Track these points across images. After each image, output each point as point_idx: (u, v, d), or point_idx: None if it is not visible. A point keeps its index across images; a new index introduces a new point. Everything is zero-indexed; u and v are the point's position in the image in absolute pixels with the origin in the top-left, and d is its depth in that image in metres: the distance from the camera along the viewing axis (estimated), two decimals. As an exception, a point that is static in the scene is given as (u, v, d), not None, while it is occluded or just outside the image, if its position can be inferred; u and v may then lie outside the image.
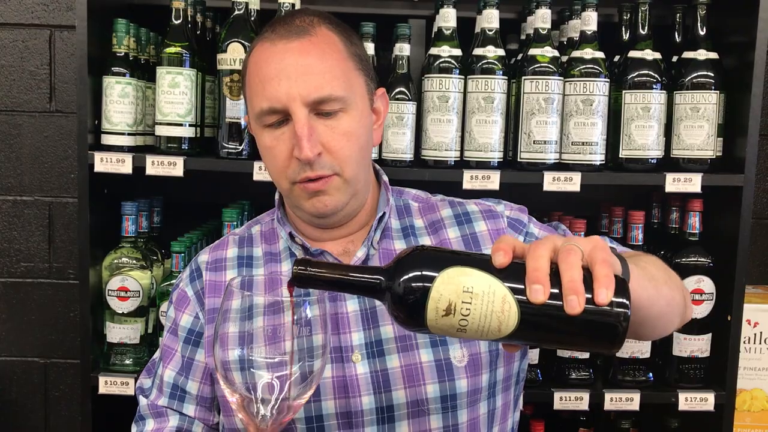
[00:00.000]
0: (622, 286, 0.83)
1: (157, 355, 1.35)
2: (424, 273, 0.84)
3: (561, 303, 0.80)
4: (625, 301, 0.82)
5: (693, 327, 1.86)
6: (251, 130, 1.27)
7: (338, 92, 1.16)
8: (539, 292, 0.80)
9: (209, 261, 1.32)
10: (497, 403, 1.27)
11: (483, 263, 0.84)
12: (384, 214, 1.28)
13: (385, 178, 1.34)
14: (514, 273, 0.83)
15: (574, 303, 0.79)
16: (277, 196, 1.34)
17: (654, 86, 1.79)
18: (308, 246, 1.26)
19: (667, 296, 1.06)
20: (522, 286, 0.81)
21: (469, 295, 0.82)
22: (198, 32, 1.91)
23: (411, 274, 0.85)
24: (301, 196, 1.20)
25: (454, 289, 0.82)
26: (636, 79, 1.79)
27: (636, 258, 1.06)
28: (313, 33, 1.18)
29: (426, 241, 1.29)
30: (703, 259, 1.86)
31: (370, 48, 1.78)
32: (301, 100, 1.14)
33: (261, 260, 1.30)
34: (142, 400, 1.32)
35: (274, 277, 1.26)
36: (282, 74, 1.15)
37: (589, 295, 0.80)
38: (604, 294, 0.79)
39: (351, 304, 1.23)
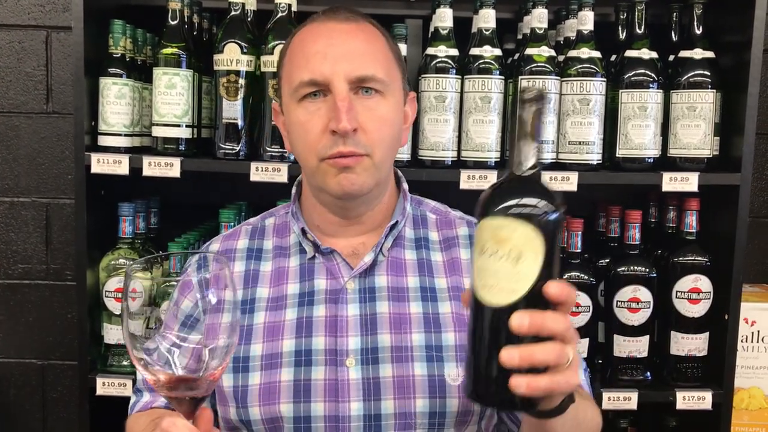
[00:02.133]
0: (534, 401, 0.88)
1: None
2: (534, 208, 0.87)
3: (513, 345, 0.85)
4: (523, 406, 0.90)
5: (690, 326, 1.86)
6: (279, 114, 1.28)
7: (381, 75, 1.19)
8: (523, 327, 0.84)
9: (219, 251, 1.33)
10: (485, 427, 1.26)
11: (546, 271, 0.86)
12: (397, 222, 1.28)
13: (406, 186, 1.34)
14: (538, 297, 0.86)
15: (513, 356, 0.84)
16: (293, 191, 1.34)
17: (650, 85, 1.79)
18: (319, 243, 1.26)
19: None
20: (523, 307, 0.85)
21: (517, 275, 0.85)
22: (194, 33, 1.91)
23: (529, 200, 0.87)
24: (328, 172, 1.19)
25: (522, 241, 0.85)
26: (632, 78, 1.80)
27: (583, 403, 1.10)
28: (361, 23, 1.23)
29: (437, 256, 1.29)
30: (700, 258, 1.86)
31: (366, 48, 1.78)
32: (344, 76, 1.16)
33: (270, 254, 1.30)
34: (139, 375, 1.33)
35: (280, 271, 1.27)
36: (328, 49, 1.18)
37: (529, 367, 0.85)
38: (522, 388, 0.85)
39: (352, 308, 1.23)
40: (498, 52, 1.78)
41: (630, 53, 1.81)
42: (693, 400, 1.84)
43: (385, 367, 1.19)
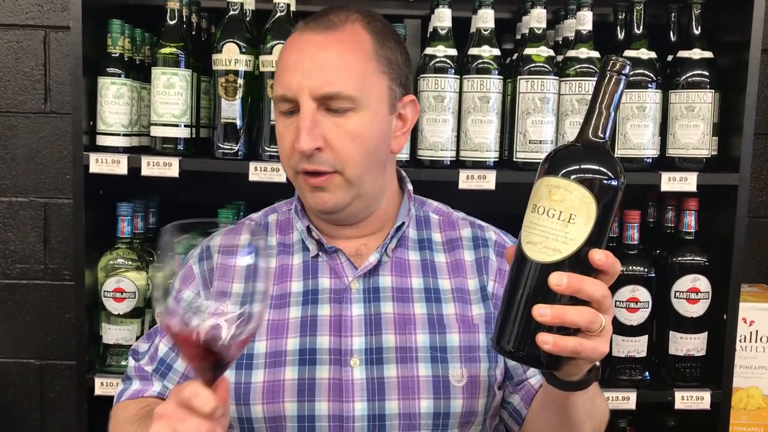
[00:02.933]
0: (559, 362, 0.91)
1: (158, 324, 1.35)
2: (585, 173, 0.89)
3: (548, 303, 0.87)
4: (548, 365, 0.91)
5: (689, 326, 1.86)
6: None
7: (349, 91, 1.16)
8: (560, 286, 0.86)
9: (222, 245, 1.31)
10: (489, 429, 1.27)
11: (594, 238, 0.87)
12: (403, 223, 1.28)
13: (410, 186, 1.33)
14: (581, 262, 0.87)
15: (545, 312, 0.86)
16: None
17: (649, 85, 1.79)
18: (324, 242, 1.26)
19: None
20: (565, 268, 0.87)
21: (565, 236, 0.87)
22: (193, 33, 1.91)
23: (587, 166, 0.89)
24: (304, 187, 1.21)
25: (578, 203, 0.87)
26: (631, 78, 1.79)
27: (598, 391, 1.12)
28: (341, 29, 1.19)
29: (441, 258, 1.29)
30: (698, 258, 1.86)
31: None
32: (309, 92, 1.15)
33: (274, 250, 1.30)
34: (131, 362, 1.32)
35: (284, 269, 1.27)
36: (298, 65, 1.17)
37: (560, 326, 0.88)
38: (548, 345, 0.87)
39: (356, 308, 1.23)
40: (497, 52, 1.78)
41: (628, 53, 1.81)
42: (691, 399, 1.84)
43: (390, 368, 1.19)
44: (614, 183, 0.89)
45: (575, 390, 1.00)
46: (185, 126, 1.78)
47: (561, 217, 0.86)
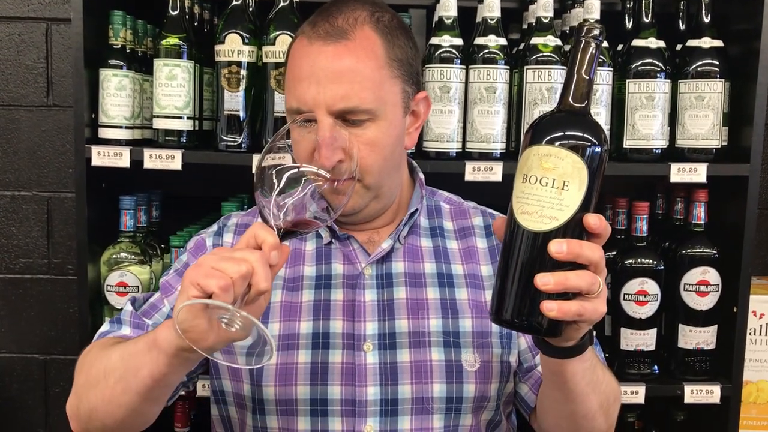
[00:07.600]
0: (560, 327, 0.91)
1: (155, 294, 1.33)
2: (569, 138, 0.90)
3: (547, 271, 0.87)
4: (547, 331, 0.91)
5: (698, 319, 1.84)
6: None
7: (366, 104, 1.15)
8: (561, 253, 0.86)
9: (238, 224, 1.34)
10: (502, 414, 1.27)
11: (586, 203, 0.89)
12: (416, 210, 1.29)
13: (421, 176, 1.35)
14: (576, 227, 0.88)
15: (548, 280, 0.86)
16: None
17: (658, 75, 1.77)
18: (336, 229, 1.27)
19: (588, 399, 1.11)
20: (562, 235, 0.87)
21: (560, 203, 0.87)
22: (195, 24, 1.89)
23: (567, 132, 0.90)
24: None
25: (566, 168, 0.88)
26: (640, 68, 1.77)
27: (600, 365, 1.13)
28: (352, 37, 1.16)
29: (453, 244, 1.30)
30: (708, 250, 1.83)
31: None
32: (326, 107, 1.14)
33: None
34: (128, 307, 1.30)
35: (297, 252, 1.29)
36: (312, 78, 1.15)
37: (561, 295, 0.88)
38: (554, 311, 0.87)
39: (369, 294, 1.24)
40: (503, 41, 1.75)
41: (637, 42, 1.79)
42: (701, 393, 1.83)
43: (403, 352, 1.20)
44: (601, 148, 0.90)
45: (571, 356, 1.00)
46: (188, 118, 1.76)
47: (555, 185, 0.87)
